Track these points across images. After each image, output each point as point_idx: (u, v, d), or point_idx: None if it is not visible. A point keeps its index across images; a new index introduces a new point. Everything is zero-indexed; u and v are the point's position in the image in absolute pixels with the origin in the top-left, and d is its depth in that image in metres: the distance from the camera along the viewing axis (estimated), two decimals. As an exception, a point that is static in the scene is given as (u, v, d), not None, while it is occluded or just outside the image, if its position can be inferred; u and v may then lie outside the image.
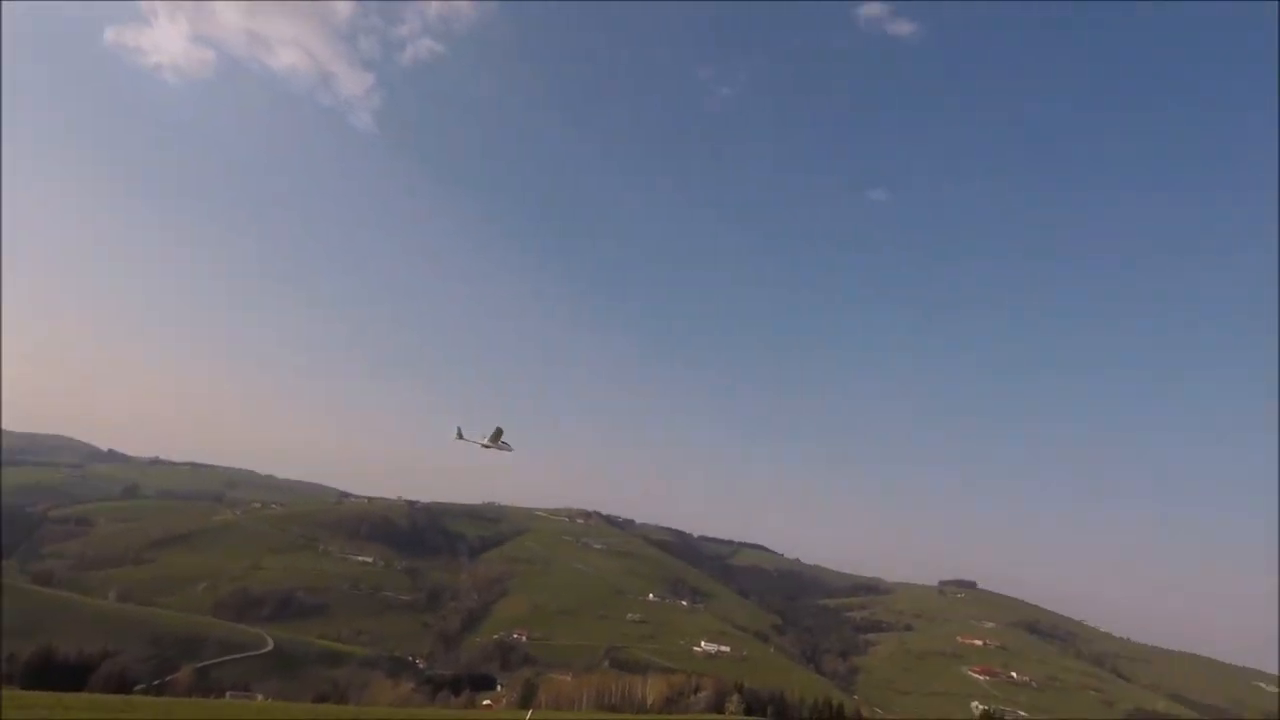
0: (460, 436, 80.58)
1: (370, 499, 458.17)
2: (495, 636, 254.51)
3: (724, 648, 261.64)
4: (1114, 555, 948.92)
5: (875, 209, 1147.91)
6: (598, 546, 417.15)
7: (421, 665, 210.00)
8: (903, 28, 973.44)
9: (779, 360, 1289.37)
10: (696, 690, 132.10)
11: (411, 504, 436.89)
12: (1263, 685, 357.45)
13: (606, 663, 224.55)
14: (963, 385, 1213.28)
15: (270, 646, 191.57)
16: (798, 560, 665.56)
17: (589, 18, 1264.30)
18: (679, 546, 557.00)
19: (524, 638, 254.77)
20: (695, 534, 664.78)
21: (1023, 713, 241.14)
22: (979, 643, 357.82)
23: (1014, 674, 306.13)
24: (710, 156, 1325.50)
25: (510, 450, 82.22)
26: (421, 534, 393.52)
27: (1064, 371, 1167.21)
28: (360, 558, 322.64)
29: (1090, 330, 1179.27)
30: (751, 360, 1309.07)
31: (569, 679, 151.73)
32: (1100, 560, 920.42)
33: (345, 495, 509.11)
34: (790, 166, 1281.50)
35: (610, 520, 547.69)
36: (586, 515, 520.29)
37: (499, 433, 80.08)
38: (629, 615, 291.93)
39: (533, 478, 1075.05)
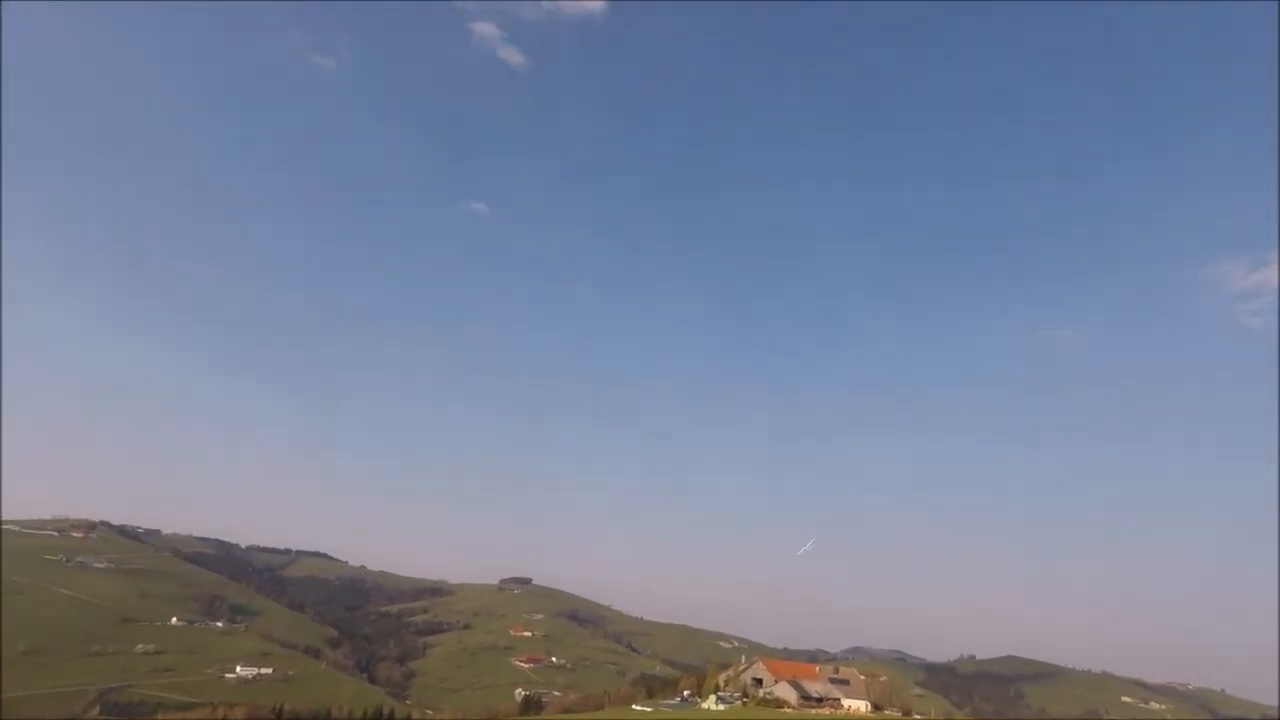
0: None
1: None
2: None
3: (265, 670, 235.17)
4: (642, 546, 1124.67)
5: (475, 220, 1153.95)
6: (100, 565, 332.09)
7: None
8: (513, 56, 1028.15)
9: (351, 359, 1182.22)
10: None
11: None
12: (722, 643, 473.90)
13: (96, 710, 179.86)
14: (542, 392, 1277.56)
15: None
16: (363, 567, 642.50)
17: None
18: (220, 559, 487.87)
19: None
20: (244, 544, 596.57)
21: (556, 692, 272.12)
22: (528, 634, 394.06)
23: (554, 659, 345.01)
24: (303, 129, 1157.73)
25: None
26: None
27: (629, 381, 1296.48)
28: None
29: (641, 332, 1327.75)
30: (317, 358, 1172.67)
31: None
32: (624, 550, 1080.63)
33: None
34: (388, 165, 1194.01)
35: (124, 531, 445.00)
36: (90, 527, 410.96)
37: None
38: (139, 646, 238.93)
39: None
